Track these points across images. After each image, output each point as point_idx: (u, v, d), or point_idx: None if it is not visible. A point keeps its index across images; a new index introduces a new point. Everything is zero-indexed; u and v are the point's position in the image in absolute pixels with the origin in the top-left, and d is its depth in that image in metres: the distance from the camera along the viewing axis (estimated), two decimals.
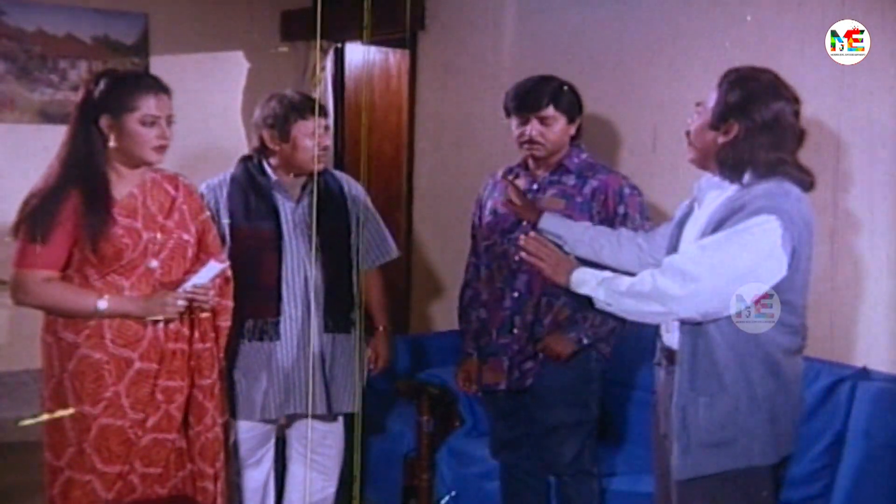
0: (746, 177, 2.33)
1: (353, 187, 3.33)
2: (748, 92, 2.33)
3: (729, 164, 2.34)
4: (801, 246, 2.27)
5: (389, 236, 3.44)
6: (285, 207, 3.17)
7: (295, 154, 3.14)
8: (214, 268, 2.76)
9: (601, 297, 2.44)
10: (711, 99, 2.39)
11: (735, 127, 2.33)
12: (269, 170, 3.18)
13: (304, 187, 3.19)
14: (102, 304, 2.62)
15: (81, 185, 2.61)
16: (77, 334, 2.64)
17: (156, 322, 2.70)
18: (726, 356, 2.31)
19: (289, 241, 3.14)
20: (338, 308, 3.20)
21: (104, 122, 2.64)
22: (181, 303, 2.69)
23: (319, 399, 3.18)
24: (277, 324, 3.13)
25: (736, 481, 2.36)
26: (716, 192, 2.41)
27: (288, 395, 3.17)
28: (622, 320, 2.93)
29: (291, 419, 3.33)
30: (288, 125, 3.12)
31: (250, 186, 3.16)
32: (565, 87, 3.04)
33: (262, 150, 3.19)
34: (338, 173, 3.42)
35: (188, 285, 2.71)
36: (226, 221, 3.11)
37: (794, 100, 2.36)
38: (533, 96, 3.02)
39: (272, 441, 3.33)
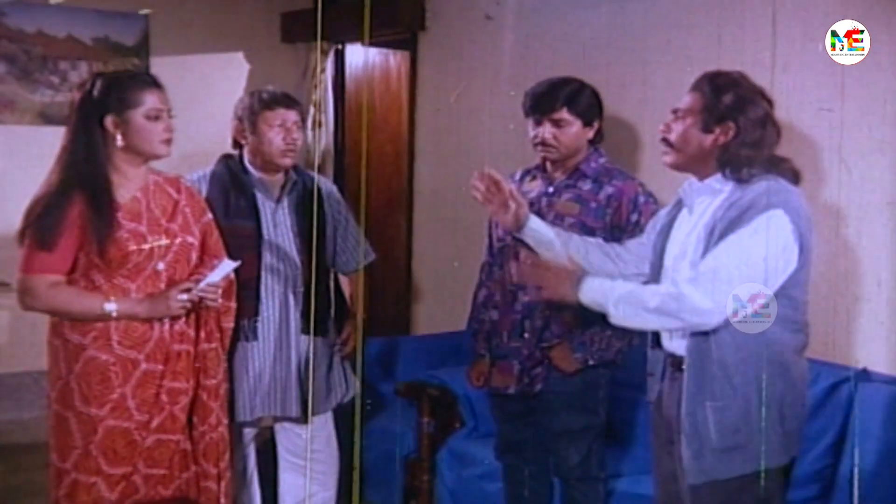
0: (744, 174, 2.35)
1: (331, 190, 3.32)
2: (740, 92, 2.38)
3: (733, 163, 2.35)
4: (806, 240, 2.30)
5: (365, 239, 3.40)
6: (265, 206, 3.15)
7: (261, 147, 3.12)
8: (228, 265, 2.78)
9: (619, 314, 2.39)
10: (692, 103, 2.41)
11: (732, 127, 2.35)
12: (250, 167, 3.17)
13: (283, 187, 3.18)
14: (109, 306, 2.63)
15: (84, 189, 2.62)
16: (84, 336, 2.65)
17: (162, 322, 2.70)
18: (735, 358, 2.30)
19: (269, 241, 3.12)
20: (315, 310, 3.16)
21: (110, 121, 2.65)
22: (183, 297, 2.69)
23: (294, 402, 3.16)
24: (255, 324, 3.11)
25: (748, 484, 2.35)
26: (706, 197, 2.42)
27: (263, 398, 3.14)
28: (629, 341, 2.95)
29: (276, 423, 3.31)
30: (254, 116, 3.12)
31: (231, 184, 3.14)
32: (584, 90, 3.02)
33: (236, 146, 3.20)
34: (315, 175, 3.38)
35: (202, 283, 2.72)
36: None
37: (769, 100, 2.41)
38: (547, 98, 3.00)
39: (252, 445, 3.31)
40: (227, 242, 2.96)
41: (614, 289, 2.43)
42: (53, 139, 2.75)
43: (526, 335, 3.03)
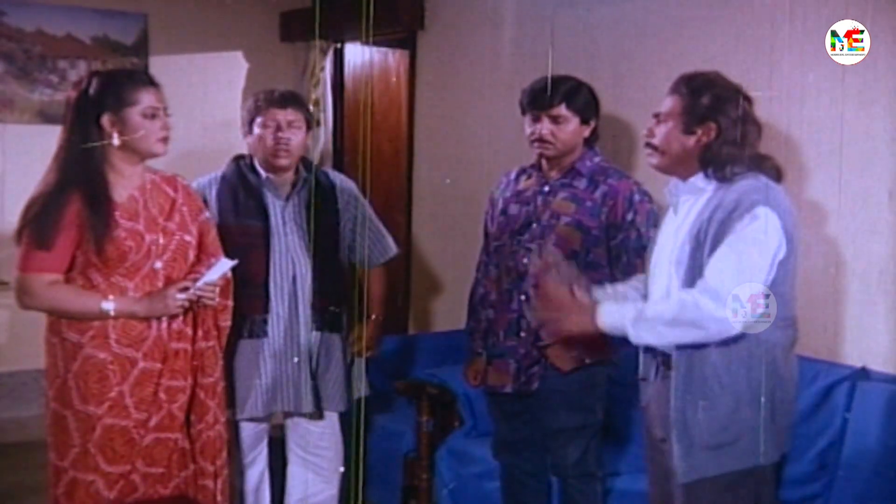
0: (727, 173, 2.36)
1: (347, 186, 3.33)
2: (718, 92, 2.40)
3: (715, 162, 2.37)
4: (791, 235, 2.31)
5: (388, 234, 3.44)
6: (275, 205, 3.17)
7: (257, 148, 3.17)
8: (225, 264, 2.79)
9: (638, 334, 2.35)
10: (672, 105, 2.44)
11: (714, 127, 2.37)
12: (259, 168, 3.20)
13: (294, 185, 3.20)
14: (107, 305, 2.63)
15: (81, 188, 2.62)
16: (82, 335, 2.65)
17: (160, 321, 2.70)
18: (724, 356, 2.31)
19: (277, 239, 3.15)
20: (326, 306, 3.20)
21: (106, 119, 2.65)
22: (181, 296, 2.70)
23: (306, 398, 3.18)
24: (265, 321, 3.13)
25: (739, 482, 2.35)
26: (690, 197, 2.43)
27: (274, 394, 3.16)
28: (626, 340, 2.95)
29: (287, 419, 3.32)
30: (251, 118, 3.17)
31: (240, 184, 3.18)
32: (582, 88, 3.03)
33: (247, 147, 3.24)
34: (331, 172, 3.42)
35: (200, 282, 2.73)
36: (215, 220, 3.10)
37: (747, 98, 2.42)
38: (545, 94, 3.00)
39: (265, 441, 3.33)
40: (237, 242, 3.00)
41: (628, 309, 2.40)
42: (52, 138, 2.75)
43: (522, 334, 3.03)
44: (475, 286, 3.24)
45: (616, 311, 2.42)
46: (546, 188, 3.06)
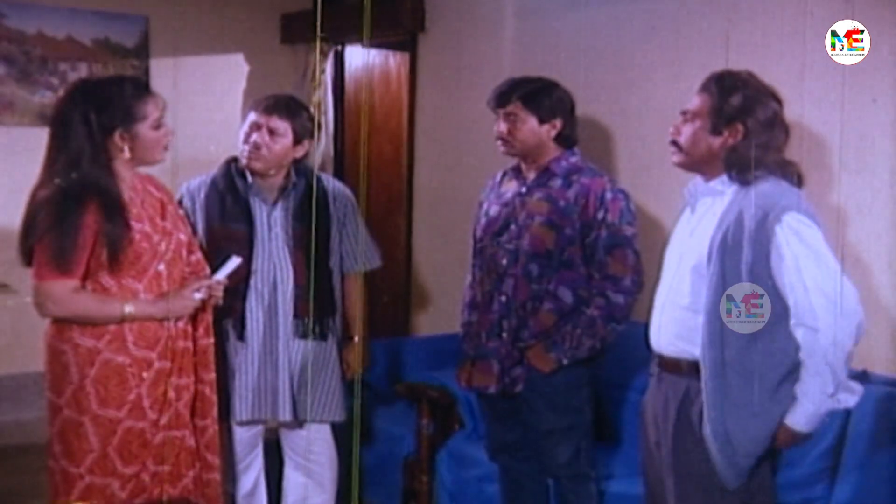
0: (750, 176, 2.34)
1: (341, 193, 3.30)
2: (748, 92, 2.36)
3: (740, 164, 2.34)
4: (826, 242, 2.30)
5: (375, 246, 3.39)
6: (261, 210, 3.16)
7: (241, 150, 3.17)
8: (233, 262, 2.83)
9: (809, 415, 2.30)
10: (700, 104, 2.40)
11: (741, 129, 2.34)
12: (247, 172, 3.18)
13: (283, 189, 3.18)
14: (129, 308, 2.64)
15: (96, 195, 2.61)
16: (98, 339, 2.64)
17: (169, 320, 2.72)
18: (755, 363, 2.28)
19: (261, 244, 3.13)
20: (310, 314, 3.15)
21: (118, 136, 2.65)
22: (198, 295, 2.73)
23: (283, 407, 3.15)
24: (243, 326, 3.12)
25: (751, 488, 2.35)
26: (708, 199, 2.41)
27: (256, 400, 3.15)
28: (601, 338, 2.94)
29: (281, 425, 3.31)
30: (244, 120, 3.19)
31: (228, 188, 3.17)
32: (543, 88, 3.04)
33: None
34: (327, 178, 3.39)
35: (212, 280, 2.76)
36: (201, 223, 3.12)
37: (778, 99, 2.40)
38: (501, 93, 3.05)
39: (260, 446, 3.33)
40: (221, 245, 3.01)
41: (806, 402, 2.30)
42: None
43: (503, 335, 3.04)
44: (466, 290, 3.26)
45: (802, 413, 2.31)
46: (524, 189, 3.08)
